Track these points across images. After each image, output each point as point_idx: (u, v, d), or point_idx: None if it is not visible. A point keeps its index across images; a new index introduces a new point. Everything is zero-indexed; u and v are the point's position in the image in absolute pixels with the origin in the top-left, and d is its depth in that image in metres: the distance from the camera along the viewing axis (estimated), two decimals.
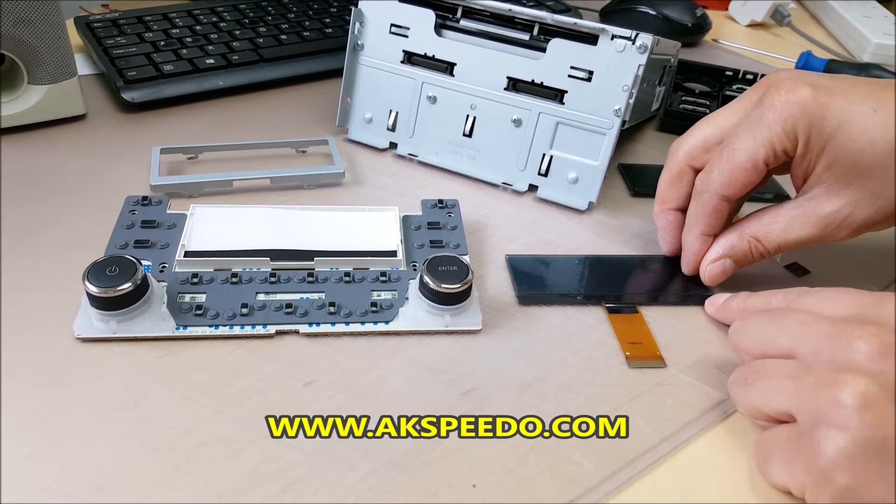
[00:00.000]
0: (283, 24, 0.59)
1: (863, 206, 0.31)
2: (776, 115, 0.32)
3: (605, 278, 0.37)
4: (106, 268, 0.30)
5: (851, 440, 0.23)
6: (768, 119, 0.32)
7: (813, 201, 0.32)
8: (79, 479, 0.25)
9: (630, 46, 0.39)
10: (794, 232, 0.33)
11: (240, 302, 0.32)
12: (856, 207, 0.32)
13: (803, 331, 0.27)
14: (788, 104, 0.31)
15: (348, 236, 0.36)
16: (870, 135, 0.30)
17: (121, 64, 0.51)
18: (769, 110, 0.32)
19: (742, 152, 0.32)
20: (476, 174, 0.45)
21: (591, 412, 0.29)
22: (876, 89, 0.31)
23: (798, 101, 0.31)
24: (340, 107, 0.47)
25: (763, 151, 0.32)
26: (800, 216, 0.33)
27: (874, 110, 0.30)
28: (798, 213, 0.33)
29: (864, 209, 0.31)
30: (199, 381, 0.29)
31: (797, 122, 0.31)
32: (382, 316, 0.33)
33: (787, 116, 0.31)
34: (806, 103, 0.31)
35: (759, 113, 0.32)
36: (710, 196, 0.34)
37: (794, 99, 0.31)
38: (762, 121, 0.32)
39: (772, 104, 0.32)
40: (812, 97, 0.31)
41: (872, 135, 0.30)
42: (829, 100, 0.31)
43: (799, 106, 0.31)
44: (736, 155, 0.32)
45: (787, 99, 0.31)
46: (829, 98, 0.31)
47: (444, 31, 0.44)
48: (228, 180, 0.41)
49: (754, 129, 0.32)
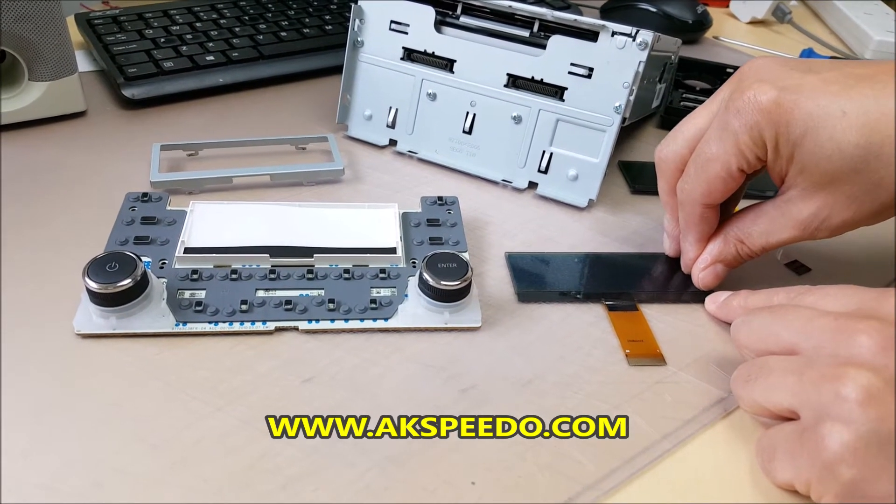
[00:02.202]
0: (283, 20, 0.58)
1: (839, 208, 0.31)
2: (742, 123, 0.30)
3: (604, 276, 0.37)
4: (106, 264, 0.30)
5: (855, 434, 0.23)
6: (734, 126, 0.31)
7: (790, 203, 0.32)
8: (77, 474, 0.25)
9: (630, 43, 0.39)
10: (776, 234, 0.33)
11: (239, 298, 0.32)
12: (832, 210, 0.31)
13: (806, 326, 0.27)
14: (753, 110, 0.30)
15: (348, 233, 0.36)
16: (837, 140, 0.29)
17: (121, 61, 0.51)
18: (734, 116, 0.31)
19: (714, 162, 0.32)
20: (476, 171, 0.45)
21: (591, 410, 0.29)
22: (850, 83, 0.29)
23: (762, 108, 0.30)
24: (340, 104, 0.47)
25: (734, 160, 0.31)
26: (779, 217, 0.32)
27: (843, 112, 0.29)
28: (777, 214, 0.32)
29: (841, 212, 0.31)
30: (199, 377, 0.30)
31: (763, 130, 0.30)
32: (382, 313, 0.33)
33: (753, 124, 0.30)
34: (770, 109, 0.30)
35: (726, 119, 0.31)
36: (693, 207, 0.34)
37: (759, 104, 0.30)
38: (728, 128, 0.31)
39: (737, 109, 0.30)
40: (776, 102, 0.29)
41: (840, 139, 0.29)
42: (795, 104, 0.29)
43: (764, 113, 0.30)
44: (709, 165, 0.32)
45: (752, 104, 0.30)
46: (796, 100, 0.29)
47: (444, 28, 0.44)
48: (228, 177, 0.41)
49: (723, 137, 0.31)
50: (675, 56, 0.53)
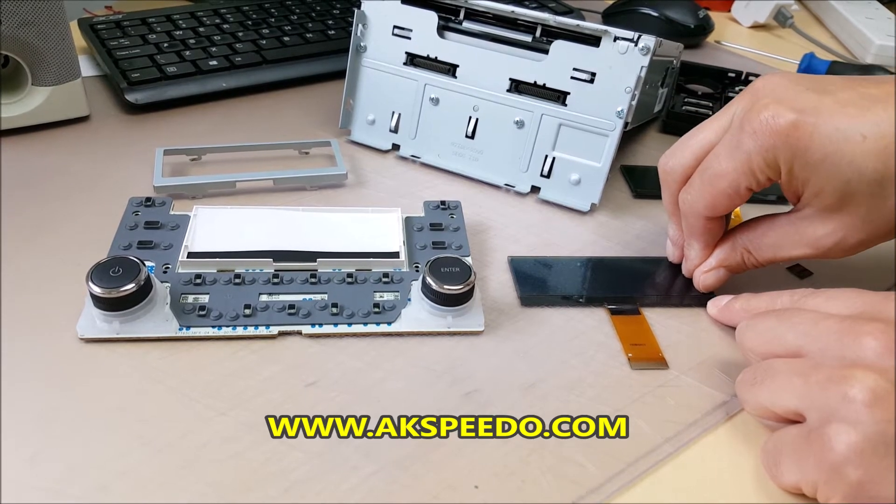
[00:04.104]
0: (286, 25, 0.59)
1: (855, 230, 0.30)
2: (756, 145, 0.30)
3: (607, 280, 0.37)
4: (109, 268, 0.31)
5: (862, 435, 0.23)
6: (748, 147, 0.30)
7: (805, 221, 0.32)
8: (82, 479, 0.25)
9: (632, 48, 0.39)
10: (786, 249, 0.33)
11: (243, 303, 0.32)
12: (848, 231, 0.31)
13: (811, 328, 0.27)
14: (769, 133, 0.29)
15: (351, 238, 0.37)
16: (857, 164, 0.28)
17: (124, 65, 0.51)
18: (749, 137, 0.30)
19: (722, 179, 0.31)
20: (478, 176, 0.45)
21: (593, 413, 0.29)
22: (866, 105, 0.29)
23: (780, 131, 0.29)
24: (343, 108, 0.47)
25: (744, 179, 0.31)
26: (793, 233, 0.32)
27: (864, 137, 0.28)
28: (791, 230, 0.32)
29: (856, 233, 0.31)
30: (202, 381, 0.30)
31: (779, 154, 0.29)
32: (385, 317, 0.33)
33: (769, 147, 0.29)
34: (788, 133, 0.29)
35: (739, 138, 0.30)
36: (696, 219, 0.34)
37: (776, 127, 0.29)
38: (742, 147, 0.30)
39: (752, 130, 0.30)
40: (794, 125, 0.29)
41: (860, 164, 0.28)
42: (814, 127, 0.29)
43: (781, 136, 0.29)
44: (717, 181, 0.31)
45: (769, 127, 0.29)
46: (815, 123, 0.29)
47: (447, 33, 0.44)
48: (231, 181, 0.42)
49: (734, 156, 0.31)
50: (677, 60, 0.53)
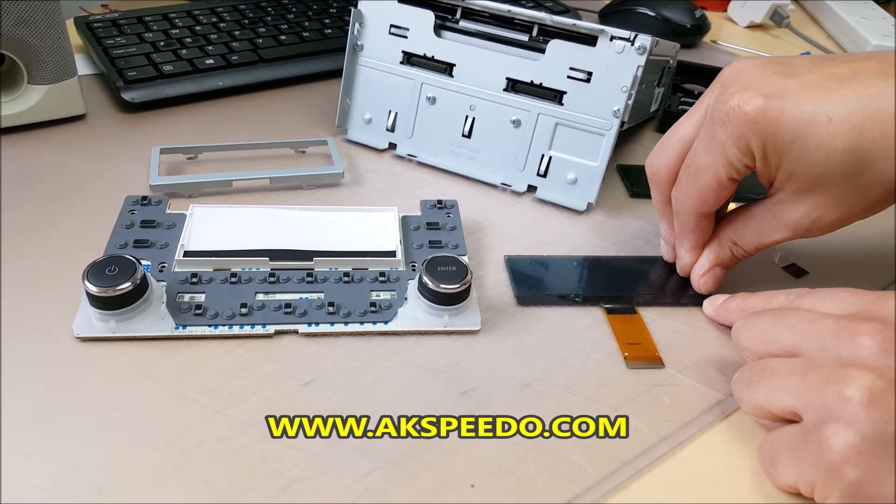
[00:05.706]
0: (282, 24, 0.59)
1: (829, 209, 0.31)
2: (728, 134, 0.30)
3: (603, 279, 0.37)
4: (105, 267, 0.31)
5: (860, 435, 0.23)
6: (721, 137, 0.31)
7: (780, 205, 0.32)
8: (78, 478, 0.25)
9: (629, 47, 0.39)
10: (768, 235, 0.33)
11: (239, 302, 0.32)
12: (822, 211, 0.31)
13: (808, 328, 0.27)
14: (739, 121, 0.30)
15: (347, 236, 0.37)
16: (825, 146, 0.29)
17: (121, 64, 0.51)
18: (721, 128, 0.30)
19: (704, 173, 0.32)
20: (475, 175, 0.45)
21: (590, 412, 0.29)
22: (832, 85, 0.29)
23: (748, 118, 0.30)
24: (340, 107, 0.47)
25: (724, 170, 0.31)
26: (771, 219, 0.33)
27: (829, 118, 0.28)
28: (768, 216, 0.33)
29: (831, 212, 0.31)
30: (199, 380, 0.30)
31: (750, 140, 0.30)
32: (381, 316, 0.33)
33: (740, 135, 0.30)
34: (756, 120, 0.29)
35: (713, 130, 0.31)
36: (688, 216, 0.34)
37: (744, 115, 0.30)
38: (716, 139, 0.31)
39: (723, 120, 0.30)
40: (762, 111, 0.29)
41: (828, 146, 0.29)
42: (780, 112, 0.29)
43: (750, 123, 0.30)
44: (700, 176, 0.32)
45: (738, 115, 0.30)
46: (782, 108, 0.29)
47: (444, 32, 0.44)
48: (228, 180, 0.42)
49: (711, 149, 0.31)
50: (674, 60, 0.53)
